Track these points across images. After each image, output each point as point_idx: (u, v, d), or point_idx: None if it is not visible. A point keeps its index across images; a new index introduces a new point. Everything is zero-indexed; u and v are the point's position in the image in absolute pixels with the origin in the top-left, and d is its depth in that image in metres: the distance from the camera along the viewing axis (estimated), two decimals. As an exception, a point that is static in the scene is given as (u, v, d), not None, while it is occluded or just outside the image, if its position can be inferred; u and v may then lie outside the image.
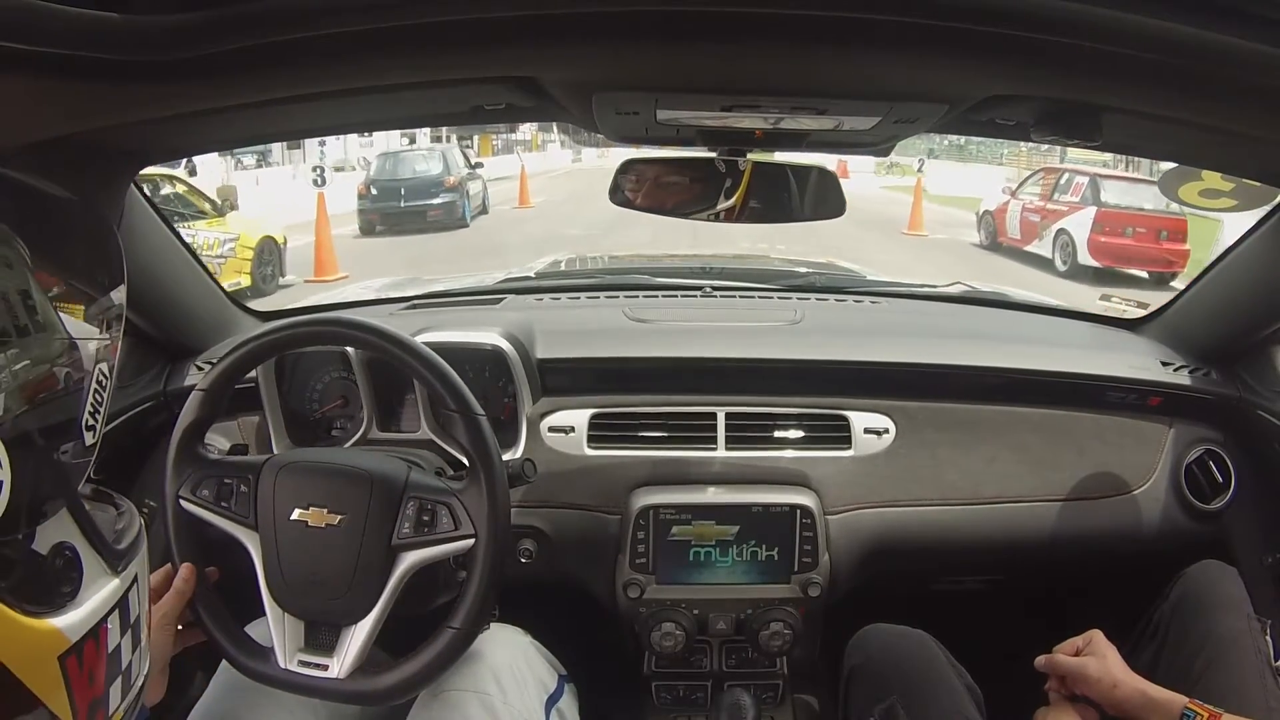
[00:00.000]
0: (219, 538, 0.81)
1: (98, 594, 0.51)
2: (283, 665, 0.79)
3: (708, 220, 0.94)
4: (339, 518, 0.78)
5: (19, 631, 0.45)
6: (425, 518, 0.79)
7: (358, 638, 0.78)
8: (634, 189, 0.95)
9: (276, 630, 0.80)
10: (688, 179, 0.93)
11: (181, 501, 0.81)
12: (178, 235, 1.13)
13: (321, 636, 0.81)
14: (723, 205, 0.93)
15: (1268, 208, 1.08)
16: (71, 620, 0.50)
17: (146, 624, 0.59)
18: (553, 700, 0.93)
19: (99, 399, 0.52)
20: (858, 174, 14.99)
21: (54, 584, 0.48)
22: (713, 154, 0.91)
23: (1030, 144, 0.99)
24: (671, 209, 0.95)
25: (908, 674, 0.93)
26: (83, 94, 0.56)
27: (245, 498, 0.80)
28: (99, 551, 0.52)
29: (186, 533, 0.82)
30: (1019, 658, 1.02)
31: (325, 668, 0.79)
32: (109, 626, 0.52)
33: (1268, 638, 0.95)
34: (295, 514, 0.78)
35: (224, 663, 0.85)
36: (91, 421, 0.52)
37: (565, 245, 7.38)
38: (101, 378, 0.52)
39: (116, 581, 0.53)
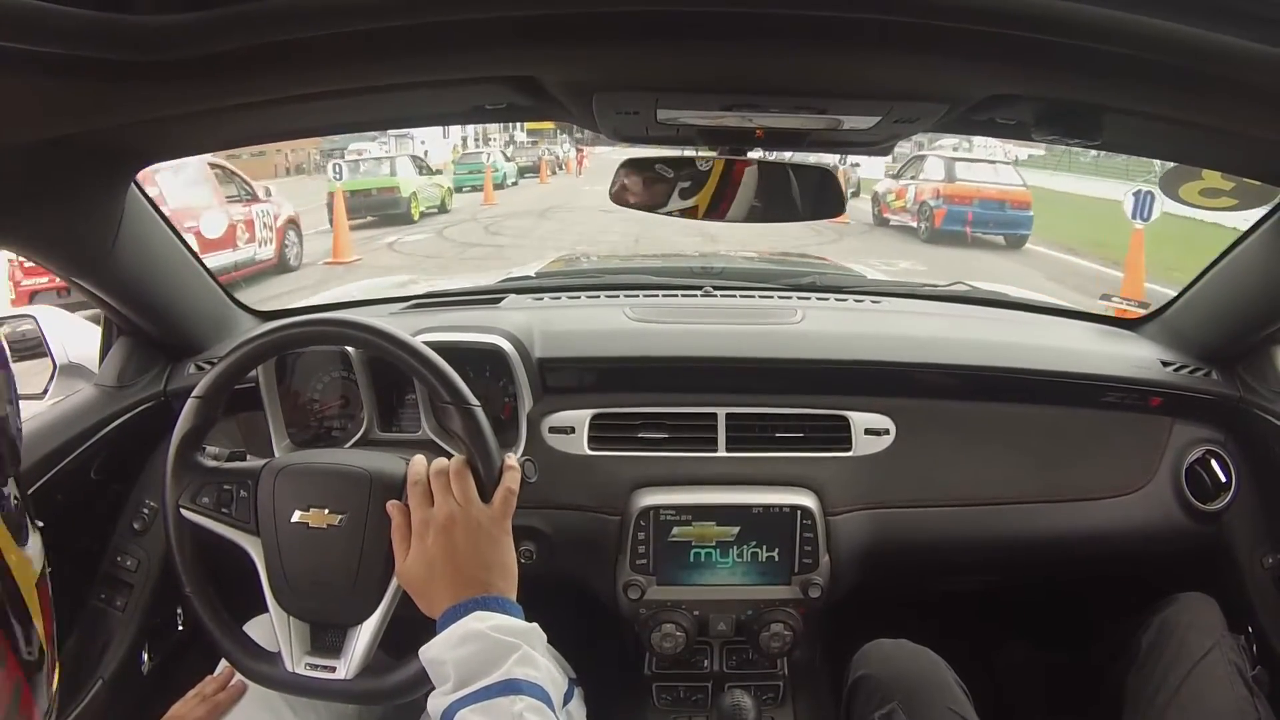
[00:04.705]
0: (219, 541, 0.81)
1: (34, 544, 0.56)
2: (290, 669, 0.79)
3: (711, 220, 0.94)
4: (339, 517, 0.78)
5: (18, 561, 0.50)
6: None
7: (363, 638, 0.78)
8: (634, 187, 0.95)
9: (282, 634, 0.79)
10: (690, 178, 0.93)
11: (182, 510, 0.81)
12: (178, 235, 1.13)
13: (327, 639, 0.80)
14: (723, 204, 0.93)
15: (1268, 208, 1.08)
16: (32, 551, 0.55)
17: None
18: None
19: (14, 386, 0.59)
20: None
21: (16, 521, 0.53)
22: (713, 153, 0.91)
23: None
24: (672, 208, 0.95)
25: (913, 687, 0.94)
26: (83, 94, 0.56)
27: (245, 503, 0.80)
28: (25, 510, 0.57)
29: (188, 540, 0.81)
30: (1018, 658, 1.02)
31: (332, 670, 0.78)
32: (45, 574, 0.57)
33: (1241, 648, 1.00)
34: (296, 516, 0.78)
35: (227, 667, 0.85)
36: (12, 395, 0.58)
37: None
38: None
39: (37, 535, 0.57)
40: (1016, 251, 9.27)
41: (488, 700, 0.61)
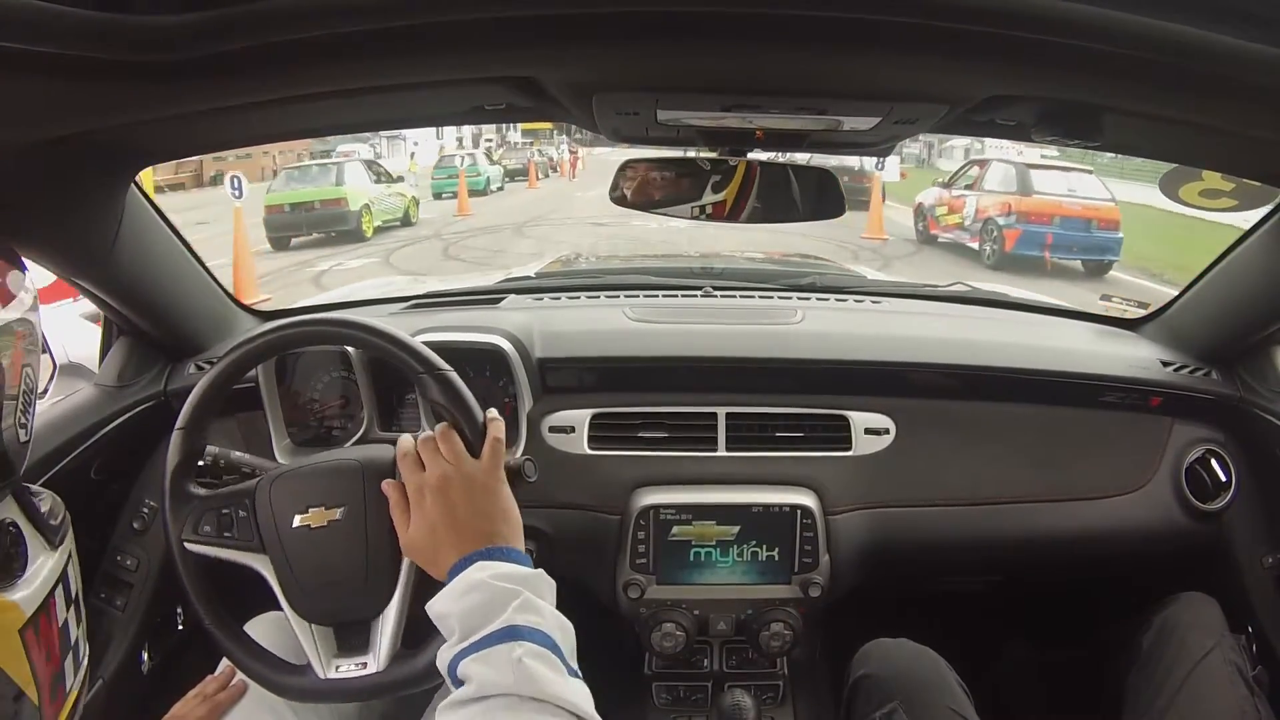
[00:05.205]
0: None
1: (44, 568, 0.53)
2: (323, 675, 0.78)
3: (730, 220, 0.94)
4: (339, 511, 0.77)
5: None
6: None
7: (387, 627, 0.78)
8: (635, 188, 0.95)
9: (307, 643, 0.79)
10: (689, 178, 0.93)
11: (186, 545, 0.80)
12: (178, 234, 1.13)
13: (353, 639, 0.80)
14: (725, 204, 0.93)
15: (1268, 208, 1.08)
16: (25, 594, 0.51)
17: (82, 603, 0.59)
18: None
19: (29, 398, 0.55)
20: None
21: (3, 559, 0.49)
22: (713, 154, 0.91)
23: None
24: (673, 208, 0.95)
25: (913, 687, 0.94)
26: (83, 94, 0.56)
27: (246, 522, 0.79)
28: (38, 528, 0.54)
29: (197, 573, 0.81)
30: (1019, 657, 1.02)
31: (364, 665, 0.78)
32: (56, 600, 0.54)
33: (1241, 648, 1.00)
34: (297, 521, 0.78)
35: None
36: (24, 419, 0.54)
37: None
38: (30, 378, 0.54)
39: (57, 555, 0.55)
40: (1099, 280, 7.52)
41: (487, 649, 0.61)
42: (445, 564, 0.68)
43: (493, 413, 0.78)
